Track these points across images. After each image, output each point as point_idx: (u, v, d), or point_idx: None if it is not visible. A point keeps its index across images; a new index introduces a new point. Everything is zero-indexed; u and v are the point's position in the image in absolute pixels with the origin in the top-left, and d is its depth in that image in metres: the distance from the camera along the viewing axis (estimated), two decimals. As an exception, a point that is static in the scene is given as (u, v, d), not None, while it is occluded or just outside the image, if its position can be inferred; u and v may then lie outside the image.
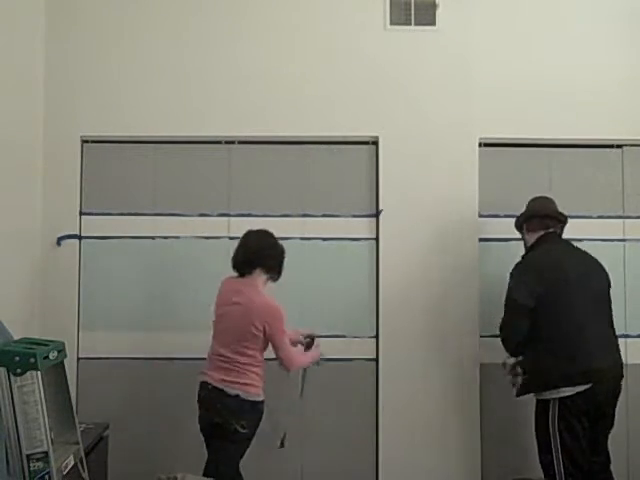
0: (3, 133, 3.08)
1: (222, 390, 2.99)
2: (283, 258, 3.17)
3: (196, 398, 3.08)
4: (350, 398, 3.64)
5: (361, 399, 3.64)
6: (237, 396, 2.98)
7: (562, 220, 3.25)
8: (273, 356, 3.11)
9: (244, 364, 3.02)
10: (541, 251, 3.18)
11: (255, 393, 3.03)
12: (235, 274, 3.13)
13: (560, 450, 2.95)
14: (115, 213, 3.67)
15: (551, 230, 3.22)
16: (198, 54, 3.68)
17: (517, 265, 3.18)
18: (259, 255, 3.09)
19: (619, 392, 3.13)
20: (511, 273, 3.15)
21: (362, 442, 3.63)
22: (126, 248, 3.65)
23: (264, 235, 3.16)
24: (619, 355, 3.13)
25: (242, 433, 2.97)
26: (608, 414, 3.10)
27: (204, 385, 3.07)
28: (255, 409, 3.03)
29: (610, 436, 3.36)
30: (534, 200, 3.33)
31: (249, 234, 3.17)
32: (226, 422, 2.96)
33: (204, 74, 3.67)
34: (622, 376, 3.12)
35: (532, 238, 3.25)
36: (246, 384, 3.01)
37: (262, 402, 3.07)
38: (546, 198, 3.32)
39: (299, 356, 3.19)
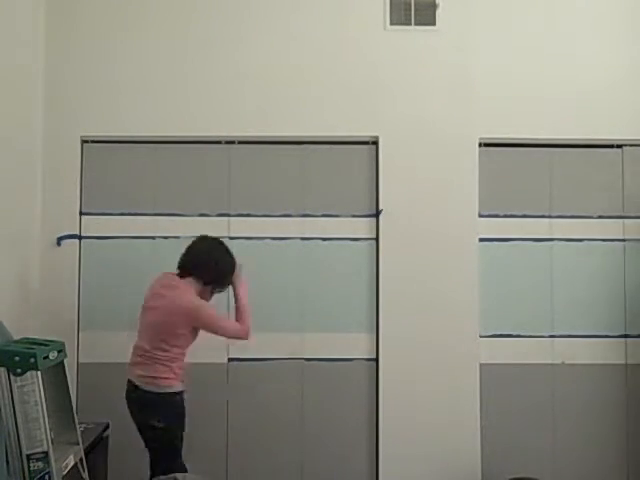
0: (3, 133, 3.08)
1: (138, 387, 3.00)
2: (223, 273, 3.10)
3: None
4: (350, 398, 3.64)
5: (361, 399, 3.64)
6: (150, 391, 2.97)
7: None
8: (269, 356, 3.11)
9: (160, 358, 3.00)
10: None
11: (167, 385, 2.99)
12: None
13: None
14: (115, 213, 3.67)
15: None
16: (198, 54, 3.68)
17: None
18: (193, 264, 3.07)
19: None
20: None
21: (362, 442, 3.63)
22: (126, 248, 3.65)
23: (211, 246, 3.12)
24: None
25: (161, 428, 2.95)
26: None
27: (128, 382, 3.07)
28: (170, 401, 2.99)
29: (610, 436, 3.37)
30: None
31: (199, 240, 3.15)
32: (144, 419, 2.98)
33: (204, 74, 3.67)
34: None
35: None
36: (157, 377, 2.98)
37: (179, 393, 3.03)
38: None
39: (241, 320, 3.08)
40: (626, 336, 3.68)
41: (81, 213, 3.65)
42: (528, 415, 3.63)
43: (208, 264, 3.07)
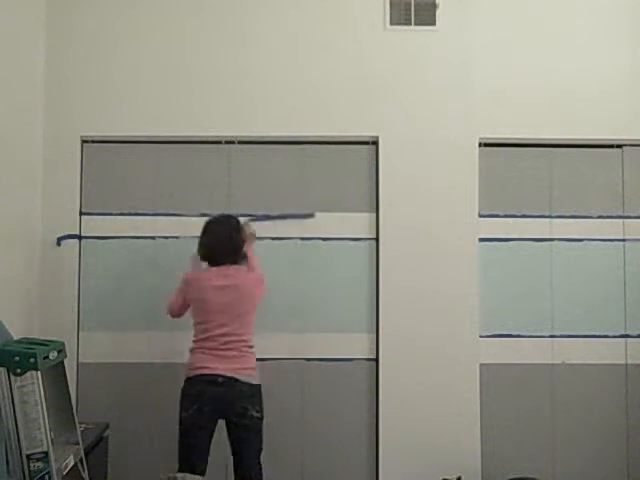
0: (3, 133, 3.08)
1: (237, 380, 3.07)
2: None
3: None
4: (350, 398, 3.64)
5: (361, 399, 3.64)
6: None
7: None
8: (269, 356, 3.10)
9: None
10: None
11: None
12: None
13: None
14: (115, 213, 3.67)
15: None
16: (198, 54, 3.68)
17: None
18: (231, 251, 3.21)
19: None
20: None
21: (362, 442, 3.63)
22: (126, 248, 3.65)
23: (225, 228, 3.23)
24: None
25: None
26: None
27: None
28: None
29: (610, 436, 3.37)
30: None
31: (213, 228, 3.24)
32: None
33: (204, 74, 3.67)
34: None
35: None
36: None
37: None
38: None
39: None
40: (626, 336, 3.68)
41: (81, 213, 3.65)
42: (528, 415, 3.63)
43: (238, 244, 3.20)
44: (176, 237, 3.66)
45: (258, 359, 3.35)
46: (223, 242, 3.17)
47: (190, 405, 3.02)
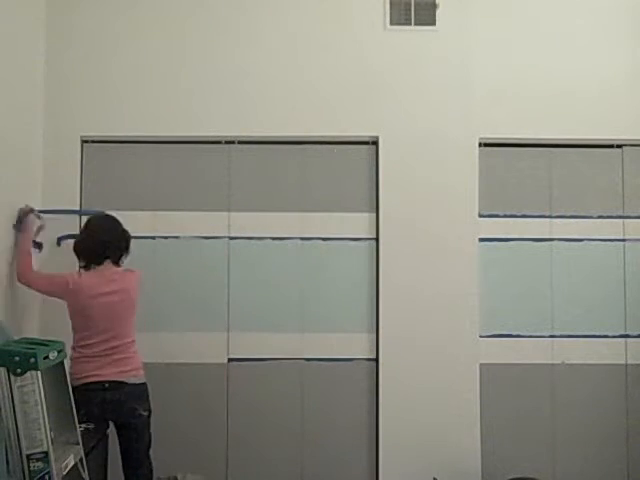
0: (3, 133, 3.07)
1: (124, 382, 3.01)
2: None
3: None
4: (350, 398, 3.64)
5: (361, 399, 3.64)
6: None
7: None
8: (269, 356, 3.10)
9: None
10: None
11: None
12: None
13: None
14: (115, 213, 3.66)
15: None
16: (198, 54, 3.67)
17: None
18: (110, 248, 3.12)
19: None
20: None
21: (362, 442, 3.63)
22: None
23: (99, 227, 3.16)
24: None
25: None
26: None
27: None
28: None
29: (610, 436, 3.37)
30: None
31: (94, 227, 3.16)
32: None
33: (204, 74, 3.67)
34: None
35: None
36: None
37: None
38: None
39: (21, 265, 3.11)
40: (626, 336, 3.68)
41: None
42: (528, 415, 3.63)
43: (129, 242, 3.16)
44: (176, 237, 3.66)
45: (258, 359, 3.37)
46: (119, 239, 3.11)
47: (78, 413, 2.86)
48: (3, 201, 3.08)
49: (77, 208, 3.60)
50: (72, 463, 2.41)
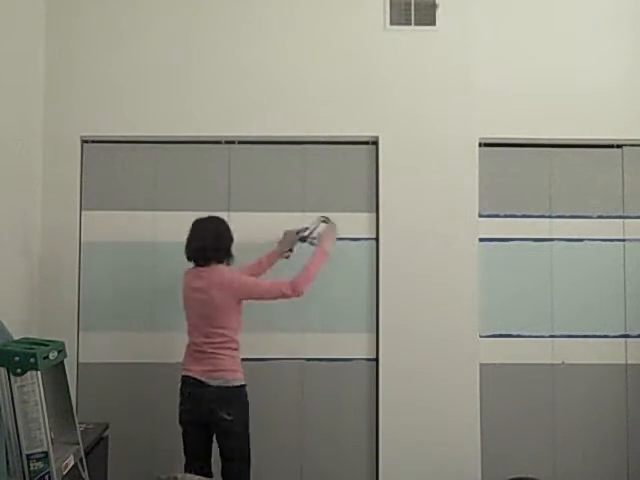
0: (3, 133, 3.08)
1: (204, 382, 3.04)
2: (228, 245, 3.20)
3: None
4: (350, 398, 3.64)
5: (361, 399, 3.64)
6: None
7: None
8: (269, 356, 3.09)
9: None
10: None
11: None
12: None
13: None
14: (115, 213, 3.66)
15: None
16: (198, 54, 3.68)
17: None
18: (213, 249, 3.14)
19: None
20: None
21: (362, 442, 3.63)
22: (126, 248, 3.65)
23: (211, 226, 3.18)
24: None
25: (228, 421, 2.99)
26: None
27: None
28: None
29: (610, 436, 3.36)
30: None
31: (198, 226, 3.18)
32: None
33: (204, 74, 3.67)
34: None
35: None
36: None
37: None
38: None
39: (295, 277, 3.09)
40: (626, 336, 3.68)
41: (81, 213, 3.64)
42: (528, 415, 3.63)
43: (222, 241, 3.13)
44: (176, 237, 3.65)
45: (259, 359, 3.36)
46: (205, 241, 3.11)
47: (179, 404, 3.11)
48: (3, 201, 3.08)
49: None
50: (72, 463, 2.41)
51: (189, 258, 3.15)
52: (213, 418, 2.98)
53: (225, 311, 3.04)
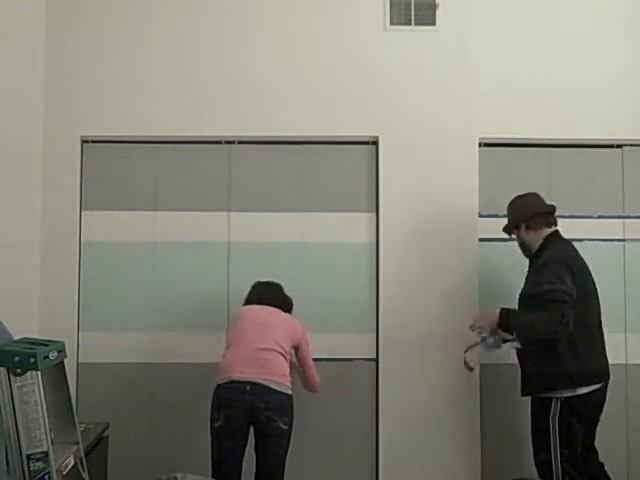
0: (3, 133, 3.08)
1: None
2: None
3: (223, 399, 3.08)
4: (350, 398, 3.64)
5: (361, 399, 3.64)
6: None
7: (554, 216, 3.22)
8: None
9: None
10: (563, 250, 3.10)
11: None
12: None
13: (559, 449, 2.94)
14: (115, 213, 3.66)
15: (556, 228, 3.18)
16: (198, 54, 3.68)
17: (549, 263, 3.03)
18: (287, 303, 3.37)
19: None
20: (543, 271, 3.00)
21: (362, 443, 3.63)
22: (126, 248, 3.65)
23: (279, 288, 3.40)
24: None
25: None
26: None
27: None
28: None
29: (610, 436, 3.35)
30: (525, 198, 3.25)
31: (268, 286, 3.39)
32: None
33: (204, 74, 3.67)
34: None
35: (538, 237, 3.16)
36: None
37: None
38: (537, 195, 3.26)
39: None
40: (626, 336, 3.68)
41: (81, 213, 3.64)
42: (528, 415, 3.62)
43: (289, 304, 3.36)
44: (176, 237, 3.65)
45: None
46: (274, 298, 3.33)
47: None
48: (3, 201, 3.08)
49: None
50: (72, 463, 2.41)
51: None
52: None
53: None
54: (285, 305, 3.32)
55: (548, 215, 3.19)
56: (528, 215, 3.19)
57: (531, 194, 3.26)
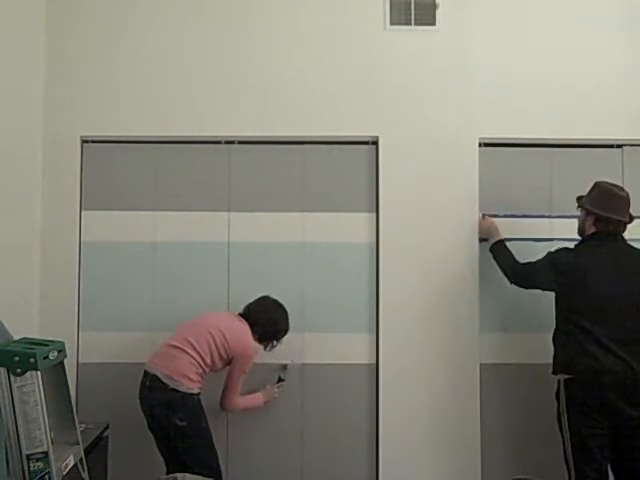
0: (3, 133, 3.08)
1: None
2: (274, 331, 3.40)
3: None
4: (350, 399, 3.63)
5: (361, 400, 3.64)
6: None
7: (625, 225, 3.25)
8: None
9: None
10: (572, 253, 3.24)
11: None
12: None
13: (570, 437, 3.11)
14: (115, 213, 3.66)
15: (606, 231, 3.21)
16: (198, 54, 3.68)
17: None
18: (255, 319, 3.37)
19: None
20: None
21: (362, 443, 3.63)
22: (126, 247, 3.65)
23: (272, 306, 3.43)
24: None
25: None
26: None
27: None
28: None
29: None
30: (618, 198, 3.24)
31: (262, 300, 3.44)
32: None
33: (204, 74, 3.67)
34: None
35: (589, 229, 3.27)
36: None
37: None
38: (627, 201, 3.23)
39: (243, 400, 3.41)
40: (626, 336, 3.67)
41: (81, 213, 3.64)
42: (528, 415, 3.63)
43: (268, 321, 3.38)
44: (176, 237, 3.65)
45: (259, 362, 3.36)
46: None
47: None
48: (3, 201, 3.08)
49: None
50: (72, 463, 2.42)
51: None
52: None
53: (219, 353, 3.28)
54: (249, 317, 3.37)
55: (618, 224, 3.20)
56: (594, 210, 3.23)
57: (626, 198, 3.24)
